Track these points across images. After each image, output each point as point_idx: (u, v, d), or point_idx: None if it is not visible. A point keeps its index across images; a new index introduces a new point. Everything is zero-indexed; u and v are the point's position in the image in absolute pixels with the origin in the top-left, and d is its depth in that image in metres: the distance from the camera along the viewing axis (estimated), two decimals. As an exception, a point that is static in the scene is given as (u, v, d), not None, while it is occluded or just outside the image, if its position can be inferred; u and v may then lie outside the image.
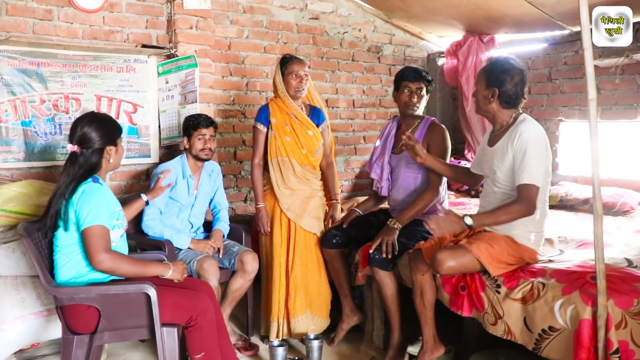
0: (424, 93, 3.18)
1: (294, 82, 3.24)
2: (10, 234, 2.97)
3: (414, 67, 3.24)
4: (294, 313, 3.25)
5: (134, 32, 3.87)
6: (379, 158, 3.33)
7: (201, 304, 2.42)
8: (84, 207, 2.31)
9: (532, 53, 4.77)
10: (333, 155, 3.59)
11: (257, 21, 4.47)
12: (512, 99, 2.59)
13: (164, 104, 3.95)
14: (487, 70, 2.64)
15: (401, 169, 3.22)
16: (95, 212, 2.31)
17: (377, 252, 2.97)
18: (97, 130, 2.41)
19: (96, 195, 2.34)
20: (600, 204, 2.12)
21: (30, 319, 2.78)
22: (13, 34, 3.41)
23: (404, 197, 3.21)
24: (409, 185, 3.20)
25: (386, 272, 2.98)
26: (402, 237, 3.00)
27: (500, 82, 2.56)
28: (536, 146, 2.48)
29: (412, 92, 3.14)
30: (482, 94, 2.65)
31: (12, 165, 3.46)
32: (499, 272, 2.54)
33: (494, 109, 2.63)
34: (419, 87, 3.14)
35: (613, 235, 3.17)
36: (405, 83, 3.16)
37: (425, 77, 3.17)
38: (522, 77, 2.58)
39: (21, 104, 3.47)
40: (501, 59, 2.66)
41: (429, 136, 3.15)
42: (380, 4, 4.90)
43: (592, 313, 2.16)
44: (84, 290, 2.31)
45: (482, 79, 2.65)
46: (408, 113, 3.20)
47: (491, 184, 2.69)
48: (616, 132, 4.26)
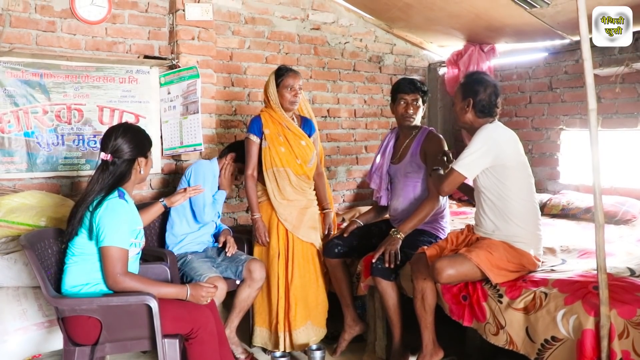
0: (420, 104, 3.21)
1: (289, 95, 3.25)
2: (12, 245, 2.97)
3: (410, 79, 3.26)
4: (295, 325, 3.24)
5: (137, 43, 3.89)
6: (378, 168, 3.37)
7: (202, 317, 2.41)
8: (106, 224, 2.31)
9: (533, 62, 4.78)
10: (323, 165, 3.60)
11: (258, 32, 4.49)
12: (486, 108, 2.70)
13: (166, 115, 3.96)
14: (462, 84, 2.80)
15: (400, 179, 3.26)
16: (115, 232, 2.31)
17: (379, 261, 2.97)
18: (130, 141, 2.45)
19: (119, 213, 2.34)
20: (601, 214, 2.13)
21: (32, 330, 2.78)
22: (16, 45, 3.44)
23: (405, 206, 3.23)
24: (408, 194, 3.22)
25: (389, 282, 2.97)
26: (405, 247, 3.00)
27: (474, 93, 2.70)
28: (476, 138, 2.62)
29: (407, 104, 3.18)
30: (459, 106, 2.78)
31: (14, 175, 3.48)
32: (500, 280, 2.54)
33: (470, 118, 2.75)
34: (414, 99, 3.18)
35: (615, 244, 3.16)
36: (401, 95, 3.20)
37: (420, 88, 3.20)
38: (494, 90, 2.72)
39: (24, 114, 3.49)
40: (475, 73, 2.88)
41: (427, 145, 3.18)
42: (381, 15, 4.92)
43: (594, 323, 2.15)
44: (86, 301, 2.30)
45: (458, 92, 2.80)
46: (405, 124, 3.24)
47: (477, 192, 2.77)
48: (617, 140, 4.26)
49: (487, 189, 2.66)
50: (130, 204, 2.45)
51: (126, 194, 2.45)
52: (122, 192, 2.42)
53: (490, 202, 2.66)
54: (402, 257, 2.97)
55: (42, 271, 2.40)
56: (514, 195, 2.61)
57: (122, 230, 2.34)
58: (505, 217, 2.62)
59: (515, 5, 3.82)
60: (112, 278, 2.30)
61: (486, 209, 2.69)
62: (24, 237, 2.50)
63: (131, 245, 2.41)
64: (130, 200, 2.48)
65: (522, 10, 3.89)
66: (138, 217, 2.51)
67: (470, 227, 2.88)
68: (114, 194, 2.38)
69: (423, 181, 3.17)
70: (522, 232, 2.62)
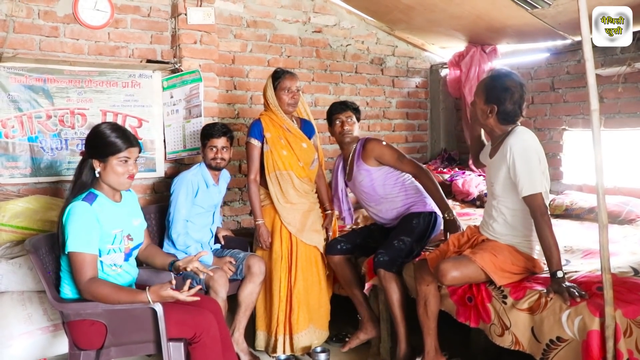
0: (355, 120, 3.37)
1: (287, 97, 3.26)
2: (17, 250, 2.99)
3: (340, 101, 3.47)
4: (297, 328, 3.24)
5: (139, 48, 3.91)
6: (335, 192, 3.51)
7: (204, 321, 2.39)
8: (67, 229, 2.25)
9: (535, 63, 4.78)
10: (323, 168, 3.61)
11: (260, 35, 4.51)
12: (509, 116, 2.57)
13: (169, 119, 3.97)
14: (488, 86, 2.61)
15: (361, 190, 3.36)
16: (75, 236, 2.23)
17: (381, 254, 3.00)
18: (87, 141, 2.40)
19: (79, 216, 2.25)
20: (605, 214, 2.12)
21: (37, 334, 2.79)
22: (20, 50, 3.45)
23: (382, 207, 3.31)
24: (375, 196, 3.31)
25: (391, 275, 2.98)
26: (402, 235, 3.08)
27: (500, 101, 2.55)
28: (526, 155, 2.47)
29: (343, 122, 3.34)
30: (481, 108, 2.63)
31: (18, 180, 3.49)
32: (504, 282, 2.53)
33: (492, 123, 2.63)
34: (348, 116, 3.34)
35: (619, 244, 3.15)
36: (335, 116, 3.37)
37: (351, 106, 3.39)
38: (521, 94, 2.56)
39: (28, 119, 3.50)
40: (502, 74, 2.62)
41: (370, 152, 3.28)
42: (382, 17, 4.93)
43: (600, 324, 2.14)
44: (91, 306, 2.30)
45: (482, 92, 2.63)
46: (345, 140, 3.37)
47: (491, 196, 2.72)
48: (620, 140, 4.25)
49: (506, 197, 2.59)
50: (100, 207, 2.31)
51: (100, 197, 2.34)
52: (93, 195, 2.32)
53: (506, 209, 2.60)
54: (401, 246, 3.03)
55: (46, 276, 2.41)
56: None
57: (83, 234, 2.24)
58: (517, 225, 2.59)
59: (516, 6, 3.82)
60: (79, 285, 2.24)
61: (498, 215, 2.64)
62: (28, 241, 2.51)
63: (109, 252, 2.34)
64: (106, 203, 2.36)
65: (523, 11, 3.89)
66: (114, 220, 2.37)
67: (473, 228, 2.86)
68: (80, 197, 2.30)
69: (378, 178, 3.26)
70: (531, 239, 2.60)
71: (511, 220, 2.60)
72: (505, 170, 2.53)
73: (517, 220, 2.59)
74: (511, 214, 2.59)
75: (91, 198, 2.31)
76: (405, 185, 3.29)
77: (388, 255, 3.00)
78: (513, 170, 2.48)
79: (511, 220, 2.60)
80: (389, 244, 3.06)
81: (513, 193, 2.54)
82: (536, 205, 2.45)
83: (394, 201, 3.27)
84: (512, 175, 2.50)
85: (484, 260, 2.53)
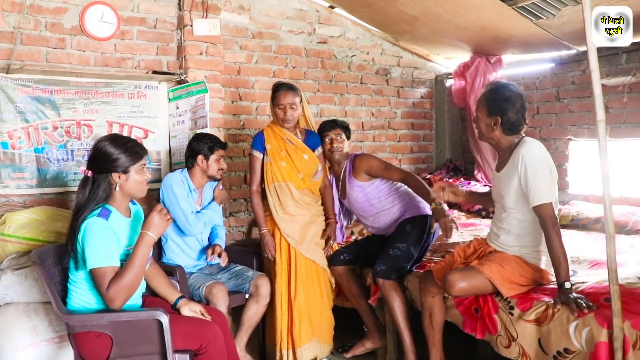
0: (344, 137, 3.42)
1: (280, 113, 3.25)
2: (22, 260, 2.99)
3: (330, 119, 3.53)
4: (300, 342, 3.21)
5: (145, 59, 3.93)
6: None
7: (210, 333, 2.39)
8: (86, 246, 2.24)
9: (540, 73, 4.78)
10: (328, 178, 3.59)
11: (266, 46, 4.53)
12: (514, 125, 2.58)
13: (175, 130, 3.99)
14: (488, 99, 2.62)
15: (356, 205, 3.41)
16: (95, 252, 2.23)
17: (378, 264, 3.03)
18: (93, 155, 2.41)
19: (99, 233, 2.24)
20: (612, 225, 2.11)
21: (42, 345, 2.78)
22: (27, 62, 3.48)
23: (379, 218, 3.35)
24: (372, 210, 3.35)
25: (391, 283, 3.00)
26: (397, 242, 3.12)
27: (502, 111, 2.56)
28: (537, 165, 2.47)
29: (332, 139, 3.39)
30: (485, 122, 2.64)
31: (24, 191, 3.50)
32: (512, 293, 2.52)
33: (497, 136, 2.63)
34: (337, 133, 3.40)
35: (626, 254, 3.13)
36: (325, 134, 3.42)
37: (340, 124, 3.45)
38: (522, 103, 2.58)
39: (34, 130, 3.52)
40: (500, 86, 2.65)
41: (359, 167, 3.33)
42: (387, 27, 4.95)
43: (608, 335, 2.13)
44: (96, 317, 2.30)
45: (483, 106, 2.64)
46: (335, 158, 3.41)
47: (500, 208, 2.70)
48: (626, 150, 4.24)
49: (517, 209, 2.58)
50: (115, 222, 2.32)
51: (113, 212, 2.33)
52: (107, 210, 2.32)
53: (516, 221, 2.60)
54: (397, 253, 3.06)
55: (52, 287, 2.41)
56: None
57: (103, 250, 2.24)
58: (526, 236, 2.59)
59: (521, 17, 3.84)
60: (105, 298, 2.23)
61: (508, 226, 2.63)
62: (34, 253, 2.52)
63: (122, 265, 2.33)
64: (119, 218, 2.36)
65: (528, 22, 3.90)
66: (127, 236, 2.38)
67: (480, 239, 2.85)
68: (94, 213, 2.29)
69: (372, 192, 3.31)
70: (539, 250, 2.59)
71: (520, 231, 2.59)
72: (516, 180, 2.52)
73: (527, 231, 2.58)
74: (521, 225, 2.59)
75: (105, 214, 2.31)
76: (399, 192, 3.33)
77: (385, 264, 3.04)
78: (525, 179, 2.47)
79: (520, 231, 2.59)
80: (384, 254, 3.10)
81: (524, 204, 2.53)
82: (547, 215, 2.44)
83: (391, 211, 3.31)
84: (522, 185, 2.49)
85: (492, 271, 2.52)
